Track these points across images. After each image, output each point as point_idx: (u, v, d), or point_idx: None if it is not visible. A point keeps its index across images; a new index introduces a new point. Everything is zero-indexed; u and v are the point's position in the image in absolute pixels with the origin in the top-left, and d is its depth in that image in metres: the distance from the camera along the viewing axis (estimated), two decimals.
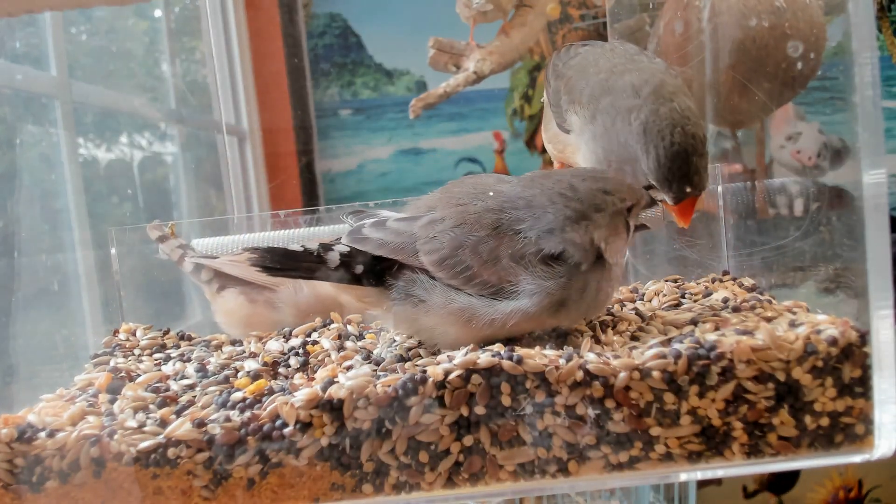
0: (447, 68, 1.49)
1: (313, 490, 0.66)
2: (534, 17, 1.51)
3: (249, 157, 1.76)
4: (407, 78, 2.05)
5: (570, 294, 0.71)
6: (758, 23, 0.97)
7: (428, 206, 0.77)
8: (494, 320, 0.71)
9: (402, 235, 0.74)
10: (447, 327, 0.73)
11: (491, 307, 0.71)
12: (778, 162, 1.13)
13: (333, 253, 0.74)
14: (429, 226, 0.74)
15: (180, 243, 1.03)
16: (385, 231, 0.74)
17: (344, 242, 0.75)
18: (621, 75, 0.80)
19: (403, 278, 0.74)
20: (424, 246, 0.73)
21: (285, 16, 1.92)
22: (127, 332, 0.98)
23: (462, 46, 1.48)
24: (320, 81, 2.03)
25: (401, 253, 0.73)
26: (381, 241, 0.74)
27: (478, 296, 0.71)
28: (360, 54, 2.03)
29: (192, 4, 1.74)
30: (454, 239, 0.72)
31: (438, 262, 0.72)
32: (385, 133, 2.05)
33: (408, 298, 0.74)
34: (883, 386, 0.63)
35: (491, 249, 0.71)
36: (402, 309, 0.74)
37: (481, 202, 0.74)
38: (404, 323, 0.76)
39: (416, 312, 0.73)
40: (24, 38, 1.15)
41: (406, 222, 0.75)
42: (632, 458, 0.65)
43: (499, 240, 0.72)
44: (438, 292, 0.72)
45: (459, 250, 0.72)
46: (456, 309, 0.72)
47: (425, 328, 0.74)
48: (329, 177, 2.04)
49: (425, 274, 0.73)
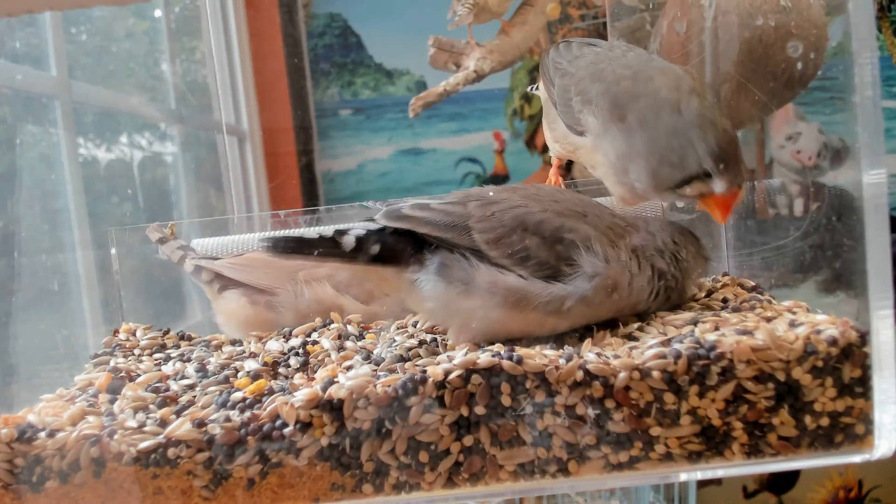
0: (447, 67, 1.49)
1: (313, 490, 0.66)
2: (534, 16, 1.50)
3: (249, 157, 1.76)
4: (407, 78, 2.05)
5: (622, 280, 0.72)
6: (764, 22, 0.97)
7: (477, 196, 0.77)
8: (548, 304, 0.70)
9: (451, 215, 0.73)
10: (491, 310, 0.71)
11: (545, 290, 0.70)
12: (778, 162, 1.13)
13: (349, 237, 0.73)
14: (484, 206, 0.74)
15: (180, 244, 1.03)
16: (431, 211, 0.74)
17: (382, 221, 0.74)
18: (650, 79, 0.80)
19: (440, 258, 0.73)
20: (479, 224, 0.72)
21: (285, 16, 1.92)
22: (127, 332, 0.98)
23: (462, 45, 1.47)
24: (320, 81, 2.03)
25: (451, 231, 0.72)
26: (427, 219, 0.73)
27: (531, 277, 0.71)
28: (360, 54, 2.03)
29: (192, 4, 1.74)
30: (515, 218, 0.72)
31: (495, 240, 0.71)
32: (385, 133, 2.05)
33: (442, 279, 0.72)
34: (883, 386, 0.63)
35: (554, 229, 0.71)
36: (433, 290, 0.73)
37: (540, 197, 0.76)
38: (434, 304, 0.74)
39: (453, 294, 0.72)
40: (24, 38, 1.15)
41: (452, 205, 0.75)
42: (632, 458, 0.65)
43: (561, 221, 0.72)
44: (484, 272, 0.71)
45: (519, 229, 0.72)
46: (504, 289, 0.70)
47: (462, 311, 0.72)
48: (329, 177, 2.04)
49: (471, 253, 0.72)
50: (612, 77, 0.83)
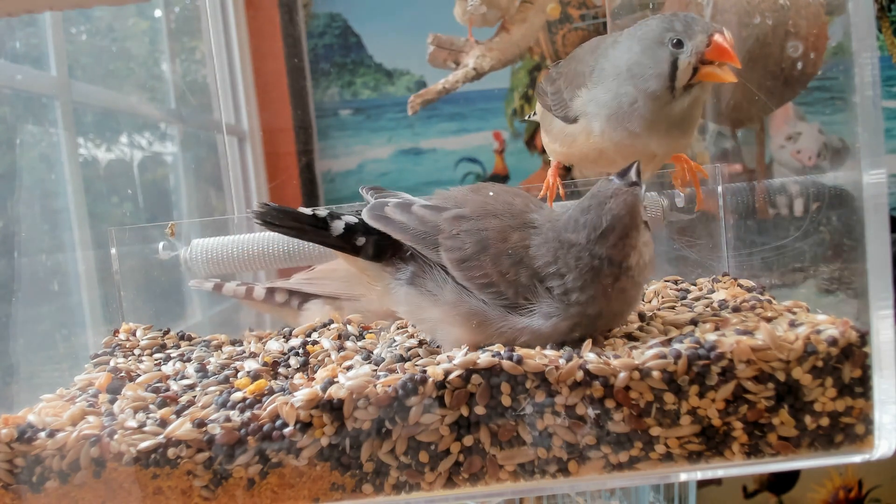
0: (446, 65, 1.49)
1: (313, 490, 0.66)
2: (534, 14, 1.50)
3: (249, 157, 1.76)
4: (407, 78, 2.05)
5: (584, 319, 0.70)
6: (761, 21, 0.97)
7: (457, 201, 0.76)
8: (503, 332, 0.70)
9: (426, 224, 0.72)
10: (452, 326, 0.72)
11: (503, 319, 0.70)
12: (778, 162, 1.13)
13: (339, 222, 0.73)
14: (455, 221, 0.73)
15: (240, 281, 1.06)
16: (409, 216, 0.73)
17: (364, 218, 0.73)
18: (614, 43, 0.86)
19: (415, 264, 0.73)
20: (447, 241, 0.72)
21: (285, 16, 1.92)
22: (127, 332, 0.98)
23: (461, 43, 1.47)
24: (320, 81, 2.03)
25: (421, 242, 0.72)
26: (403, 226, 0.72)
27: (491, 304, 0.70)
28: (360, 54, 2.03)
29: (192, 4, 1.74)
30: (479, 242, 0.71)
31: (459, 261, 0.71)
32: (385, 133, 2.05)
33: (416, 285, 0.73)
34: (883, 386, 0.63)
35: (513, 264, 0.70)
36: (406, 292, 0.73)
37: (511, 218, 0.73)
38: (407, 306, 0.74)
39: (423, 301, 0.72)
40: (24, 38, 1.15)
41: (432, 211, 0.74)
42: (632, 458, 0.65)
43: (521, 259, 0.71)
44: (450, 289, 0.71)
45: (482, 255, 0.71)
46: (466, 311, 0.71)
47: (428, 319, 0.73)
48: (329, 177, 2.04)
49: (441, 267, 0.72)
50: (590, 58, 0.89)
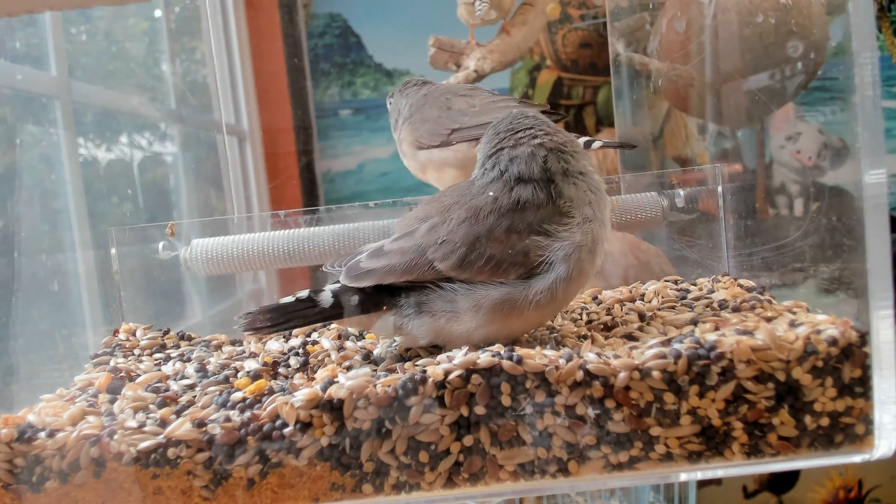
0: (447, 67, 1.49)
1: (313, 490, 0.66)
2: (534, 16, 1.50)
3: (249, 157, 1.76)
4: (407, 78, 2.05)
5: (589, 242, 0.71)
6: (764, 20, 0.97)
7: (418, 218, 0.75)
8: (538, 301, 0.69)
9: (407, 253, 0.71)
10: (485, 327, 0.70)
11: (529, 289, 0.69)
12: (778, 162, 1.13)
13: (325, 293, 0.73)
14: (431, 232, 0.72)
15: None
16: (387, 256, 0.72)
17: (346, 283, 0.73)
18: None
19: (415, 296, 0.72)
20: (437, 253, 0.70)
21: (285, 16, 1.92)
22: (127, 332, 0.98)
23: (462, 45, 1.47)
24: (320, 81, 2.03)
25: (414, 270, 0.71)
26: (387, 267, 0.71)
27: (511, 283, 0.70)
28: (360, 54, 2.03)
29: (192, 4, 1.74)
30: (467, 234, 0.70)
31: (458, 263, 0.70)
32: (385, 133, 2.05)
33: (425, 312, 0.71)
34: (883, 386, 0.63)
35: (509, 228, 0.70)
36: (419, 324, 0.72)
37: (471, 195, 0.73)
38: (427, 335, 0.73)
39: (442, 323, 0.71)
40: (24, 38, 1.15)
41: (404, 239, 0.73)
42: (632, 458, 0.65)
43: (511, 216, 0.70)
44: (464, 296, 0.70)
45: (477, 242, 0.70)
46: (491, 305, 0.69)
47: (456, 336, 0.72)
48: (329, 177, 2.04)
49: (444, 282, 0.70)
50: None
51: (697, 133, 1.22)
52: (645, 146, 1.31)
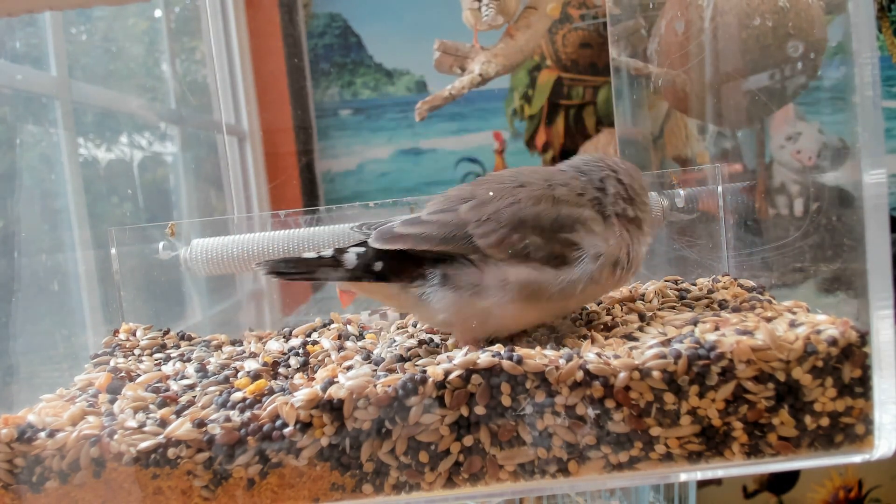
0: (452, 70, 1.49)
1: (313, 490, 0.66)
2: (538, 19, 1.51)
3: (249, 157, 1.76)
4: (407, 78, 2.05)
5: (623, 254, 0.74)
6: (761, 22, 0.97)
7: (461, 197, 0.76)
8: (562, 290, 0.71)
9: (447, 226, 0.72)
10: (506, 306, 0.71)
11: (557, 277, 0.71)
12: (778, 162, 1.13)
13: (349, 254, 0.73)
14: (476, 209, 0.73)
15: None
16: (423, 225, 0.73)
17: (374, 244, 0.73)
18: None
19: (441, 268, 0.73)
20: (478, 230, 0.72)
21: (285, 16, 1.92)
22: (127, 332, 0.98)
23: (467, 49, 1.47)
24: (320, 81, 2.03)
25: (450, 242, 0.72)
26: (424, 235, 0.72)
27: (541, 268, 0.71)
28: (360, 54, 2.03)
29: (192, 4, 1.74)
30: (513, 215, 0.72)
31: (498, 242, 0.71)
32: (385, 133, 2.05)
33: (450, 286, 0.72)
34: (883, 386, 0.63)
35: (553, 220, 0.72)
36: (441, 297, 0.73)
37: (523, 184, 0.75)
38: (448, 309, 0.73)
39: (464, 297, 0.72)
40: (24, 38, 1.15)
41: (445, 213, 0.74)
42: (632, 458, 0.65)
43: (557, 207, 0.73)
44: (493, 272, 0.71)
45: (520, 226, 0.71)
46: (518, 285, 0.71)
47: (476, 313, 0.73)
48: (329, 177, 2.04)
49: (477, 256, 0.72)
50: None
51: (697, 133, 1.22)
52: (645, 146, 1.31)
